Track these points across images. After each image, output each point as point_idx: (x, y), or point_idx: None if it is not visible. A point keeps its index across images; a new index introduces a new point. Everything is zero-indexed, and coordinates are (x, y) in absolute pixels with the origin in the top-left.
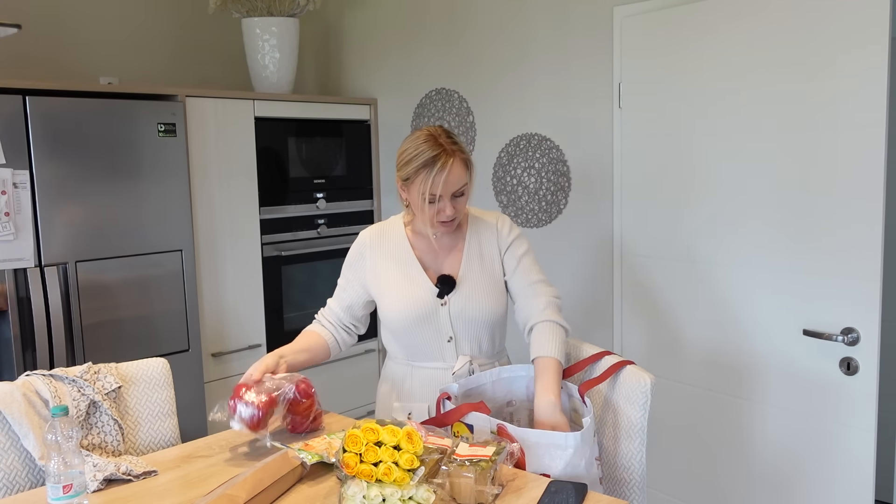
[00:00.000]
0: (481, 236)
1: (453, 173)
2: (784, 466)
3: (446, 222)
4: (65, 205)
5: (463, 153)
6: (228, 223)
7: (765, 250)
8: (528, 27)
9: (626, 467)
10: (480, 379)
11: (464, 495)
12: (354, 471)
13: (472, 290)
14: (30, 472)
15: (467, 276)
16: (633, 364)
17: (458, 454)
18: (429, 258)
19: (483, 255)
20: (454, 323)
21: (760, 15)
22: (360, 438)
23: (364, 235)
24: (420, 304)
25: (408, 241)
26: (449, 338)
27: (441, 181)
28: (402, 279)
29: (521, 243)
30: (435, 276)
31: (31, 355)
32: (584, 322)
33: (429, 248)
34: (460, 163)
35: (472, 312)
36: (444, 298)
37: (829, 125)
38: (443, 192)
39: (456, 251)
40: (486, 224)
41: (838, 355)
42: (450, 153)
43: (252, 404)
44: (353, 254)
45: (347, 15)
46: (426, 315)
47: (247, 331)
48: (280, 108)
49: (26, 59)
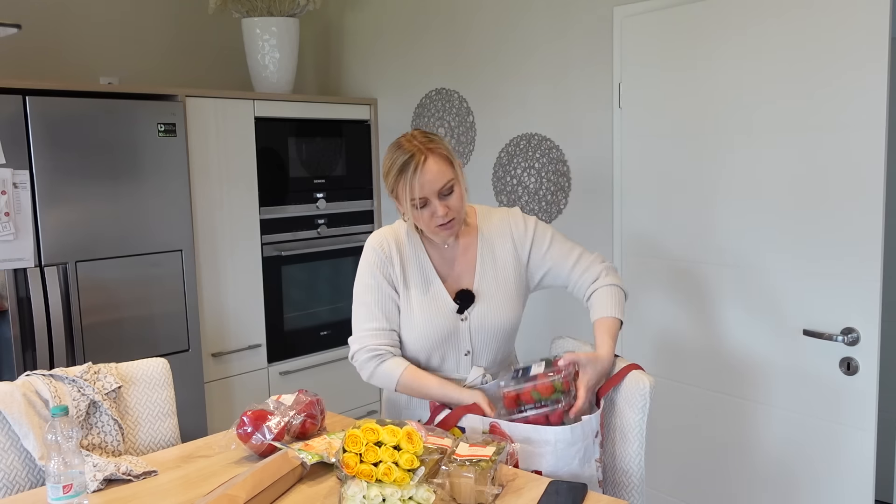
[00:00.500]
0: (494, 239)
1: (430, 171)
2: (784, 466)
3: (445, 225)
4: (65, 205)
5: (440, 148)
6: (228, 223)
7: (765, 250)
8: (528, 27)
9: (624, 470)
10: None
11: (464, 495)
12: (354, 471)
13: (490, 302)
14: (30, 472)
15: (483, 286)
16: (640, 368)
17: (458, 454)
18: (445, 269)
19: (496, 259)
20: (473, 337)
21: (761, 15)
22: (361, 438)
23: (381, 240)
24: (442, 323)
25: (424, 250)
26: (467, 352)
27: (419, 182)
28: (424, 296)
29: (542, 236)
30: (453, 289)
31: (31, 355)
32: (585, 322)
33: (443, 256)
34: (438, 158)
35: (492, 325)
36: (464, 314)
37: (829, 125)
38: (426, 193)
39: (469, 256)
40: (498, 225)
41: (838, 355)
42: (422, 152)
43: (266, 433)
44: (375, 259)
45: (347, 15)
46: (448, 333)
47: (247, 331)
48: (280, 108)
49: (26, 59)
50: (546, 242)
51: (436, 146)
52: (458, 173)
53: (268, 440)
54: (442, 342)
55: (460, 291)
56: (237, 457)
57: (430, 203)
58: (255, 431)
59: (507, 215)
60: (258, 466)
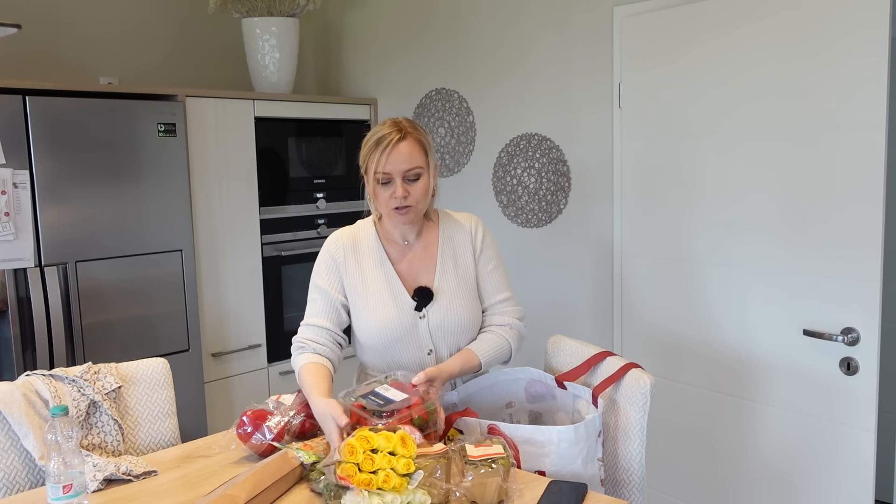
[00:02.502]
0: (455, 239)
1: (401, 150)
2: (784, 466)
3: (400, 209)
4: (65, 205)
5: (420, 137)
6: (228, 223)
7: (765, 250)
8: (528, 27)
9: (625, 469)
10: (479, 384)
11: (489, 494)
12: (355, 480)
13: (449, 300)
14: (30, 472)
15: (443, 284)
16: (639, 367)
17: (472, 456)
18: (403, 266)
19: (457, 258)
20: (434, 335)
21: (760, 15)
22: (357, 448)
23: (336, 240)
24: (398, 320)
25: (382, 248)
26: (429, 350)
27: (387, 157)
28: (379, 293)
29: (491, 255)
30: (411, 287)
31: (31, 355)
32: (584, 322)
33: (402, 254)
34: (413, 143)
35: (451, 323)
36: (422, 311)
37: (829, 125)
38: (391, 169)
39: (429, 256)
40: (460, 226)
41: (838, 355)
42: (401, 132)
43: (266, 433)
44: (326, 259)
45: (347, 15)
46: (405, 330)
47: (247, 331)
48: (280, 108)
49: (26, 59)
50: (491, 265)
51: (417, 133)
52: (429, 166)
53: (267, 440)
54: (398, 339)
55: (418, 289)
56: (237, 457)
57: (393, 182)
58: (255, 431)
59: (470, 218)
60: (258, 466)
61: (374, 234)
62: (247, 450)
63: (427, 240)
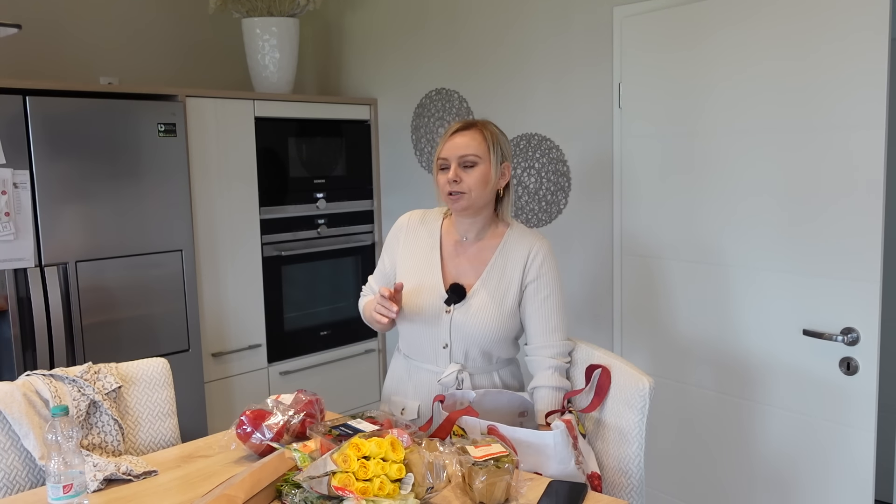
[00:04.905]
0: (511, 255)
1: (463, 137)
2: (784, 466)
3: (454, 194)
4: (65, 205)
5: (489, 131)
6: (228, 223)
7: (765, 250)
8: (528, 27)
9: (623, 471)
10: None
11: (497, 494)
12: (354, 488)
13: (479, 307)
14: (30, 472)
15: (479, 292)
16: (604, 367)
17: (476, 457)
18: (451, 261)
19: (504, 277)
20: (453, 333)
21: (761, 14)
22: (351, 456)
23: (404, 219)
24: (425, 305)
25: (439, 236)
26: (445, 344)
27: (449, 143)
28: (419, 274)
29: (547, 282)
30: (449, 282)
31: (31, 355)
32: (584, 322)
33: (455, 250)
34: (476, 132)
35: (472, 329)
36: (449, 307)
37: (829, 125)
38: (448, 154)
39: (480, 263)
40: (522, 245)
41: (838, 355)
42: (469, 123)
43: (265, 432)
44: (391, 235)
45: (347, 15)
46: (428, 318)
47: (247, 331)
48: (280, 108)
49: (26, 59)
50: (543, 293)
51: (487, 127)
52: (490, 160)
53: (267, 440)
54: (421, 322)
55: (454, 284)
56: (237, 457)
57: (450, 167)
58: (255, 431)
59: (536, 241)
60: (256, 466)
61: (439, 222)
62: (246, 449)
63: (484, 244)
